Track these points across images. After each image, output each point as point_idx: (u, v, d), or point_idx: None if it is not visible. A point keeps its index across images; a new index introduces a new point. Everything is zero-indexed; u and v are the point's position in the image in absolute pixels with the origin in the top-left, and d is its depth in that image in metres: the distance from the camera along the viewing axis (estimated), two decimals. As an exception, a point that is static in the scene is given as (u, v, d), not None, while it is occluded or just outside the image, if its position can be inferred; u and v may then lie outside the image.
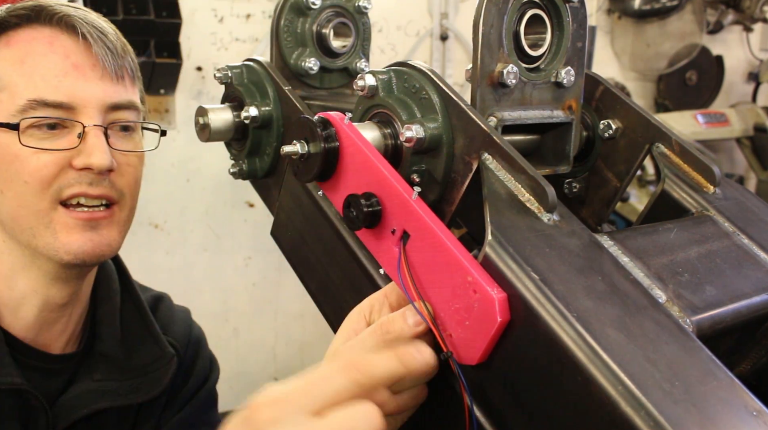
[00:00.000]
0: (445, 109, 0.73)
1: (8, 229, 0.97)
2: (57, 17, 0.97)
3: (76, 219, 0.95)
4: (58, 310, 1.04)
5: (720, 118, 3.79)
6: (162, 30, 2.75)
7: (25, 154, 0.93)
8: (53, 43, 0.96)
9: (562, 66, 0.78)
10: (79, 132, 0.94)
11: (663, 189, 0.82)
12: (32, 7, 0.98)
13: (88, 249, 0.95)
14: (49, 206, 0.94)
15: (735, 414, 0.54)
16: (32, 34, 0.96)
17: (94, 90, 0.96)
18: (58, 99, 0.93)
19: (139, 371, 1.10)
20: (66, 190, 0.94)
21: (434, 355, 0.64)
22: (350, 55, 1.07)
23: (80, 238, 0.95)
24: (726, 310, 0.67)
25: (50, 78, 0.94)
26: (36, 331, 1.03)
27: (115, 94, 0.98)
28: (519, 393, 0.61)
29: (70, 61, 0.95)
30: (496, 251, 0.61)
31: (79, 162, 0.94)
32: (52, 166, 0.93)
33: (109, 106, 0.97)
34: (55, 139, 0.94)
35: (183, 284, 3.05)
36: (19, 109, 0.93)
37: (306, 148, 0.72)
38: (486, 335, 0.61)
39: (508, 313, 0.60)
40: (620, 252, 0.69)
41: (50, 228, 0.94)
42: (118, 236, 0.99)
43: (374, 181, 0.69)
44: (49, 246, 0.95)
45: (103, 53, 0.96)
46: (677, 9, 3.77)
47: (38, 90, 0.93)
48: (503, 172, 0.69)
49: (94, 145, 0.94)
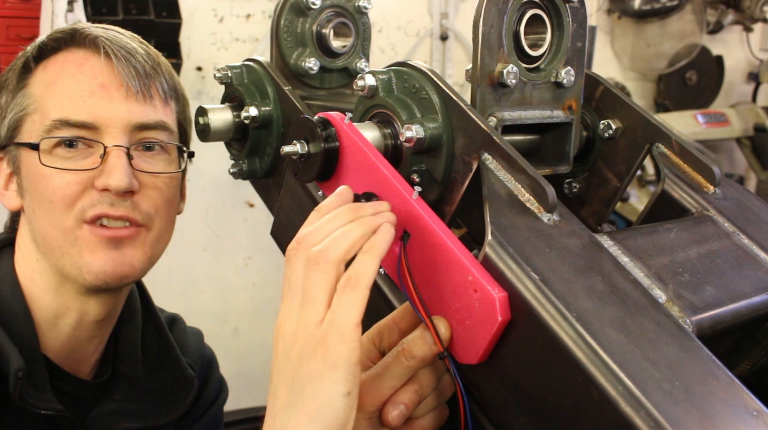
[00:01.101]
0: (445, 109, 0.73)
1: (41, 247, 0.97)
2: (89, 39, 0.97)
3: (99, 237, 0.94)
4: (93, 328, 1.03)
5: (720, 118, 3.79)
6: (162, 30, 2.75)
7: (49, 174, 0.93)
8: (83, 65, 0.96)
9: (562, 66, 0.78)
10: (101, 152, 0.94)
11: (663, 189, 0.81)
12: (69, 31, 0.99)
13: (110, 269, 0.95)
14: (74, 225, 0.94)
15: (735, 414, 0.54)
16: (66, 57, 0.98)
17: (118, 110, 0.95)
18: (81, 119, 0.94)
19: (160, 393, 1.10)
20: (89, 210, 0.94)
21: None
22: (350, 55, 1.07)
23: (103, 257, 0.94)
24: (726, 310, 0.67)
25: (76, 98, 0.94)
26: (68, 351, 1.02)
27: (141, 114, 0.97)
28: (519, 393, 0.61)
29: (96, 82, 0.95)
30: (496, 251, 0.61)
31: (99, 183, 0.94)
32: (75, 186, 0.94)
33: (135, 126, 0.96)
34: (78, 158, 0.94)
35: (183, 284, 3.05)
36: (45, 129, 0.94)
37: (306, 148, 0.72)
38: (487, 334, 0.61)
39: (508, 312, 0.60)
40: (620, 252, 0.69)
41: (76, 246, 0.95)
42: (142, 257, 0.98)
43: (374, 181, 0.69)
44: (75, 265, 0.95)
45: (128, 73, 0.96)
46: (677, 9, 3.77)
47: (64, 110, 0.94)
48: (503, 172, 0.69)
49: (113, 166, 0.93)
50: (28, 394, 0.91)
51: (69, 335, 1.01)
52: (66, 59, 0.97)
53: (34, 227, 0.97)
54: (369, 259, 0.64)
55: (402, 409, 0.70)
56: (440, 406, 0.73)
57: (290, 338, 0.64)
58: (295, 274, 0.65)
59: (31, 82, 0.98)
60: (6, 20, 2.62)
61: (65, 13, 2.54)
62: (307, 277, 0.64)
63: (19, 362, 0.89)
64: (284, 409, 0.62)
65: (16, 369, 0.88)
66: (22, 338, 0.95)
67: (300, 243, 0.66)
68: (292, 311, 0.64)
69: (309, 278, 0.64)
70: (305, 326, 0.63)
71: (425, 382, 0.70)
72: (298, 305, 0.64)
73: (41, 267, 0.99)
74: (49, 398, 0.95)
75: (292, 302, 0.65)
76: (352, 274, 0.63)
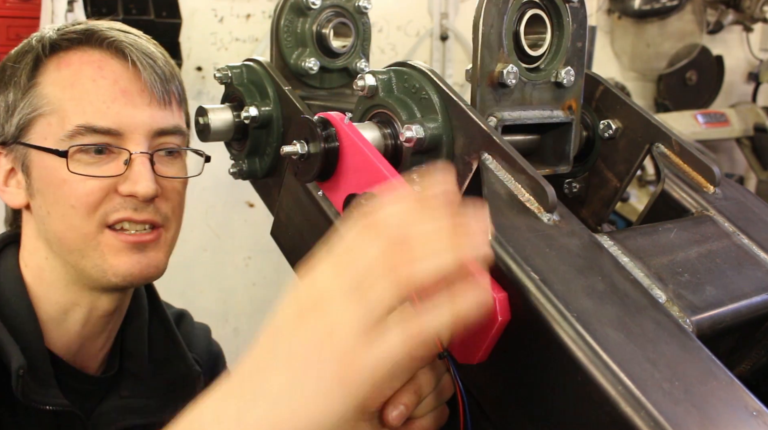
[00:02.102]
0: (445, 109, 0.73)
1: (55, 248, 0.98)
2: (107, 41, 0.97)
3: (124, 242, 0.95)
4: (102, 323, 1.04)
5: (720, 118, 3.79)
6: (162, 30, 2.75)
7: (72, 180, 0.94)
8: (103, 68, 0.96)
9: (562, 66, 0.78)
10: (125, 158, 0.95)
11: (663, 189, 0.82)
12: (83, 30, 0.98)
13: (136, 271, 0.96)
14: (96, 230, 0.95)
15: (735, 414, 0.54)
16: (82, 58, 0.97)
17: (142, 116, 0.96)
18: (106, 125, 0.94)
19: (166, 389, 1.11)
20: (112, 215, 0.95)
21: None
22: (350, 55, 1.07)
23: (128, 260, 0.96)
24: (726, 310, 0.67)
25: (99, 104, 0.94)
26: (77, 347, 1.03)
27: (162, 120, 0.98)
28: (519, 393, 0.61)
29: (118, 87, 0.95)
30: (495, 251, 0.61)
31: (124, 189, 0.94)
32: (98, 192, 0.94)
33: (156, 132, 0.97)
34: (101, 164, 0.95)
35: (183, 284, 3.05)
36: (67, 134, 0.93)
37: (306, 148, 0.72)
38: (486, 334, 0.61)
39: (508, 312, 0.60)
40: (620, 252, 0.69)
41: (98, 250, 0.95)
42: (164, 258, 1.00)
43: (375, 182, 0.69)
44: (98, 268, 0.96)
45: (152, 80, 0.97)
46: (677, 9, 3.76)
47: (87, 115, 0.94)
48: (503, 172, 0.69)
49: (139, 173, 0.94)
50: (32, 390, 0.92)
51: (77, 332, 1.02)
52: (82, 60, 0.97)
53: (48, 228, 0.97)
54: (442, 322, 0.53)
55: (402, 409, 0.69)
56: (440, 406, 0.73)
57: (317, 317, 0.54)
58: (363, 257, 0.53)
59: (43, 82, 0.97)
60: (6, 20, 2.62)
61: (65, 13, 2.54)
62: (374, 282, 0.53)
63: (20, 361, 0.89)
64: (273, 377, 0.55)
65: (17, 367, 0.89)
66: (26, 335, 0.95)
67: (386, 236, 0.53)
68: (337, 295, 0.53)
69: (375, 285, 0.52)
70: (345, 327, 0.53)
71: (424, 382, 0.70)
72: (348, 294, 0.53)
73: (51, 265, 0.99)
74: (53, 394, 0.95)
75: (342, 286, 0.53)
76: (421, 329, 0.53)
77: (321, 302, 0.54)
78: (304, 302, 0.55)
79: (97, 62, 0.97)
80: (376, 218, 0.55)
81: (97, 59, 0.97)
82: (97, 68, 0.96)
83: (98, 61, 0.97)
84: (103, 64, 0.96)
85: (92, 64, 0.96)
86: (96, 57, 0.97)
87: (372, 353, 0.52)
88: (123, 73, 0.96)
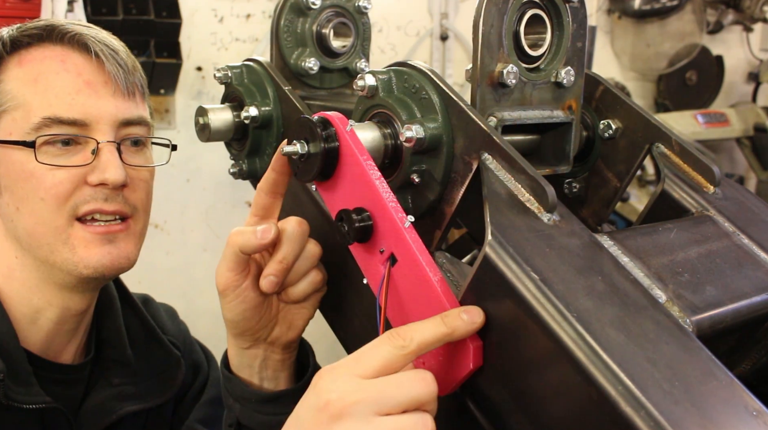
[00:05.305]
0: (445, 109, 0.73)
1: (25, 245, 0.97)
2: (68, 36, 0.98)
3: (93, 233, 0.95)
4: (74, 320, 1.04)
5: (720, 118, 3.79)
6: (162, 30, 2.75)
7: (40, 172, 0.94)
8: (65, 62, 0.96)
9: (562, 66, 0.78)
10: (93, 148, 0.95)
11: (663, 189, 0.82)
12: (44, 26, 0.99)
13: (107, 262, 0.96)
14: (65, 223, 0.95)
15: (735, 414, 0.54)
16: (44, 53, 0.97)
17: (107, 106, 0.96)
18: (72, 116, 0.94)
19: (153, 373, 1.12)
20: (82, 206, 0.95)
21: (482, 314, 0.63)
22: (350, 55, 1.07)
23: (99, 251, 0.96)
24: (726, 310, 0.67)
25: (64, 96, 0.95)
26: (48, 342, 1.03)
27: (127, 111, 0.99)
28: (519, 393, 0.61)
29: (82, 79, 0.96)
30: (495, 251, 0.61)
31: (94, 178, 0.95)
32: (67, 183, 0.94)
33: (122, 122, 0.98)
34: (69, 155, 0.95)
35: (183, 284, 3.05)
36: (33, 126, 0.94)
37: (306, 148, 0.72)
38: (457, 376, 0.64)
39: (481, 359, 0.63)
40: (620, 252, 0.69)
41: (68, 244, 0.95)
42: (134, 249, 1.01)
43: (369, 198, 0.68)
44: (68, 261, 0.96)
45: (116, 71, 0.97)
46: (677, 9, 3.77)
47: (52, 108, 0.94)
48: (503, 172, 0.69)
49: (108, 161, 0.95)
50: (13, 391, 0.92)
51: (50, 329, 1.02)
52: (44, 55, 0.97)
53: (17, 225, 0.97)
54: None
55: (271, 278, 0.81)
56: (312, 272, 0.84)
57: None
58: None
59: (6, 79, 0.97)
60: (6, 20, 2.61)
61: (65, 13, 2.54)
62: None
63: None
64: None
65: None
66: (0, 336, 0.95)
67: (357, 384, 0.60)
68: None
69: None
70: None
71: (288, 252, 0.81)
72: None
73: (22, 263, 0.99)
74: (35, 392, 0.96)
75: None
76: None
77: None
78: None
79: (60, 56, 0.97)
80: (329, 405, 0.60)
81: (60, 53, 0.97)
82: (59, 62, 0.96)
83: (60, 55, 0.97)
84: (65, 57, 0.97)
85: (55, 58, 0.97)
86: (58, 52, 0.97)
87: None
88: (86, 65, 0.97)
